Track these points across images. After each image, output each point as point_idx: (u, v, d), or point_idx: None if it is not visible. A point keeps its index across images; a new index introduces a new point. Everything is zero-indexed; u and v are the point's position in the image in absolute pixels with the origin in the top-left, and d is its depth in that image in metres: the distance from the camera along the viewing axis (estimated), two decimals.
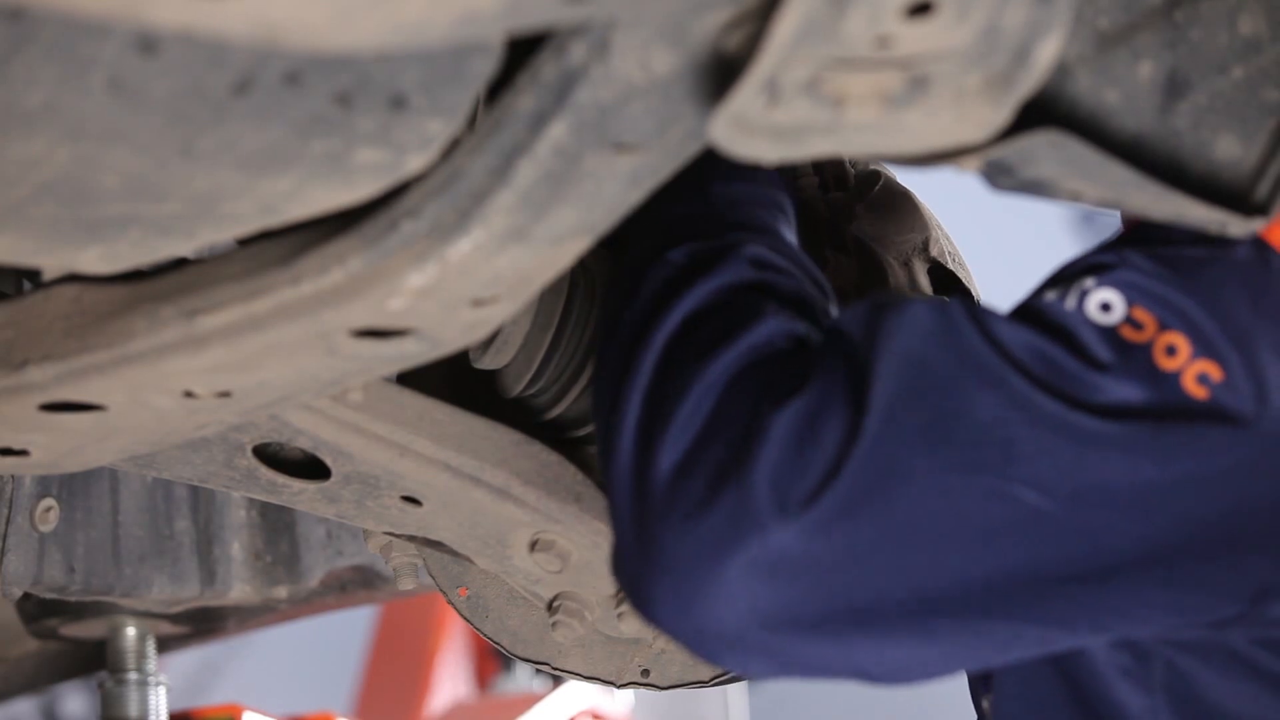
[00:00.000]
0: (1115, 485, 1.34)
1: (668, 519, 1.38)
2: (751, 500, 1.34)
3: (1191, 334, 1.35)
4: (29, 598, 2.47)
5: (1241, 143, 1.40)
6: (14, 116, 1.03)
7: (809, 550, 1.34)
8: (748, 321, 1.45)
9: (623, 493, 1.42)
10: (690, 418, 1.40)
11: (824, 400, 1.37)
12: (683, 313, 1.47)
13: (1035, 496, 1.33)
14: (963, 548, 1.35)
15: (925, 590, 1.36)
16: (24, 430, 1.47)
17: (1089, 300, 1.38)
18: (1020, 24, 1.07)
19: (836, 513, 1.34)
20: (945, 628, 1.38)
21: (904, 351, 1.37)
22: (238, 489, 1.74)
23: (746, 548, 1.34)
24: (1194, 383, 1.34)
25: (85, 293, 1.37)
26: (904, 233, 1.93)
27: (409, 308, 1.27)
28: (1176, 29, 1.37)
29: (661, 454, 1.40)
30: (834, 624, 1.37)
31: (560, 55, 1.11)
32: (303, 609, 2.75)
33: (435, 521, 1.80)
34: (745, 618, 1.36)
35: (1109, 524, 1.34)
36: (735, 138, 1.11)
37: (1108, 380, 1.34)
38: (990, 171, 1.28)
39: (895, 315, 1.40)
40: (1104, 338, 1.36)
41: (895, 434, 1.34)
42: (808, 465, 1.35)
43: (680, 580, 1.36)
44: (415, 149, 1.16)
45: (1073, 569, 1.36)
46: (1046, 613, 1.39)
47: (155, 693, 2.59)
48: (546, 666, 2.01)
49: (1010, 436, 1.34)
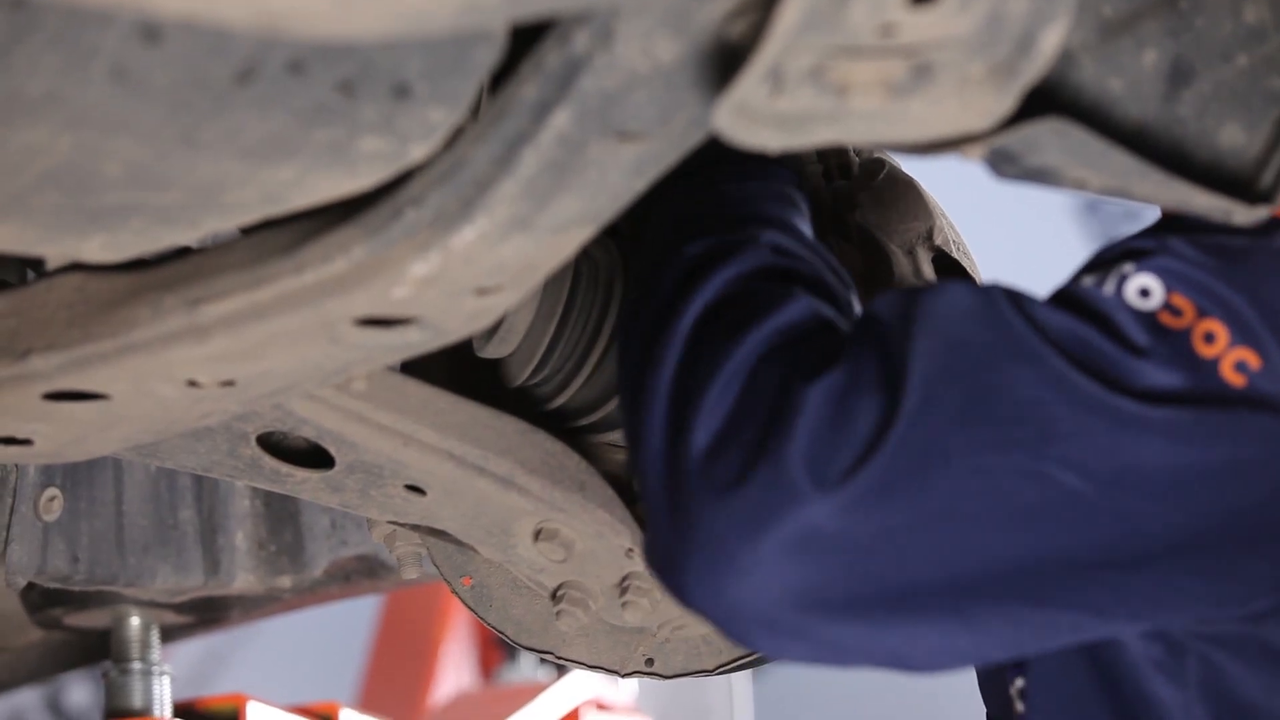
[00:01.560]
0: (1154, 470, 1.33)
1: (701, 497, 1.37)
2: (786, 475, 1.33)
3: (1230, 321, 1.35)
4: (33, 587, 2.47)
5: (1245, 131, 1.40)
6: (16, 105, 1.03)
7: (844, 527, 1.33)
8: (776, 302, 1.44)
9: (655, 475, 1.42)
10: (721, 396, 1.39)
11: (858, 377, 1.36)
12: (706, 299, 1.47)
13: (1073, 478, 1.33)
14: (999, 529, 1.34)
15: (960, 573, 1.36)
16: (27, 419, 1.47)
17: (1128, 285, 1.37)
18: (1024, 12, 1.07)
19: (873, 490, 1.33)
20: (980, 613, 1.38)
21: (942, 330, 1.37)
22: (242, 478, 1.74)
23: (781, 523, 1.33)
24: (1232, 370, 1.34)
25: (88, 282, 1.37)
26: (908, 221, 1.93)
27: (412, 296, 1.27)
28: (1181, 17, 1.37)
29: (693, 434, 1.39)
30: (868, 606, 1.36)
31: (564, 44, 1.11)
32: (307, 598, 2.75)
33: (439, 511, 1.80)
34: (779, 597, 1.35)
35: (1146, 509, 1.34)
36: (739, 126, 1.11)
37: (1145, 365, 1.34)
38: (994, 159, 1.27)
39: (932, 296, 1.40)
40: (1142, 323, 1.36)
41: (933, 412, 1.33)
42: (843, 441, 1.34)
43: (714, 558, 1.36)
44: (418, 138, 1.16)
45: (1108, 554, 1.36)
46: (1081, 599, 1.38)
47: (160, 682, 2.60)
48: (551, 656, 2.01)
49: (1048, 416, 1.33)
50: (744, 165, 1.64)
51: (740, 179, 1.62)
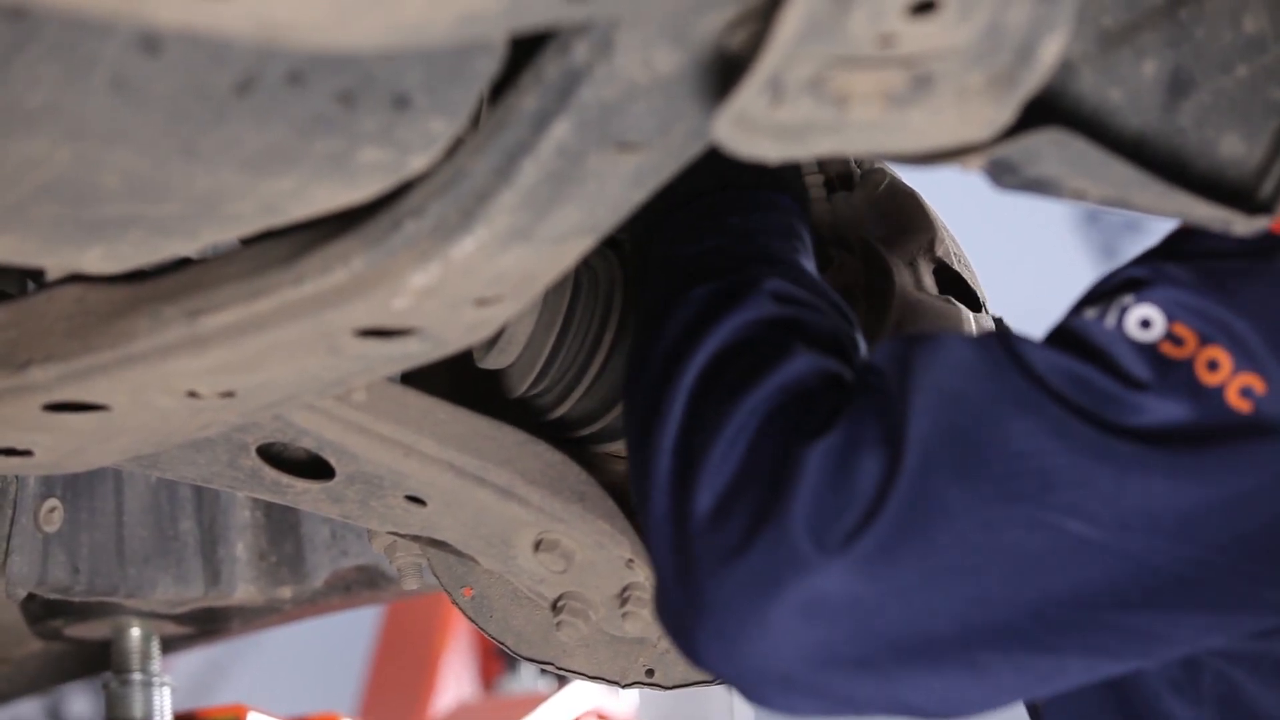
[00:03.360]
0: (1160, 509, 1.33)
1: (707, 563, 1.37)
2: (790, 541, 1.34)
3: (1233, 347, 1.34)
4: (33, 598, 2.47)
5: (1245, 141, 1.40)
6: (15, 116, 1.03)
7: (851, 590, 1.34)
8: (776, 360, 1.44)
9: (661, 538, 1.42)
10: (724, 459, 1.40)
11: (856, 437, 1.36)
12: (708, 352, 1.47)
13: (1078, 525, 1.33)
14: (1007, 579, 1.34)
15: (970, 624, 1.36)
16: (27, 430, 1.47)
17: (1128, 317, 1.37)
18: (1023, 22, 1.07)
19: (877, 551, 1.33)
20: (991, 662, 1.38)
21: (938, 385, 1.37)
22: (242, 489, 1.74)
23: (787, 589, 1.34)
24: (1237, 396, 1.33)
25: (88, 293, 1.37)
26: (909, 233, 1.93)
27: (412, 307, 1.27)
28: (1180, 27, 1.37)
29: (697, 497, 1.39)
30: (879, 661, 1.37)
31: (563, 54, 1.11)
32: (307, 609, 2.75)
33: (439, 521, 1.80)
34: (790, 658, 1.36)
35: (1155, 547, 1.33)
36: (738, 136, 1.11)
37: (1148, 399, 1.34)
38: (994, 170, 1.27)
39: (929, 349, 1.40)
40: (1143, 355, 1.35)
41: (933, 469, 1.33)
42: (845, 504, 1.34)
43: (723, 624, 1.37)
44: (418, 148, 1.16)
45: (1119, 594, 1.35)
46: (1092, 643, 1.38)
47: (160, 693, 2.59)
48: (551, 666, 2.01)
49: (1049, 466, 1.33)
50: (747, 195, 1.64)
51: (745, 210, 1.62)
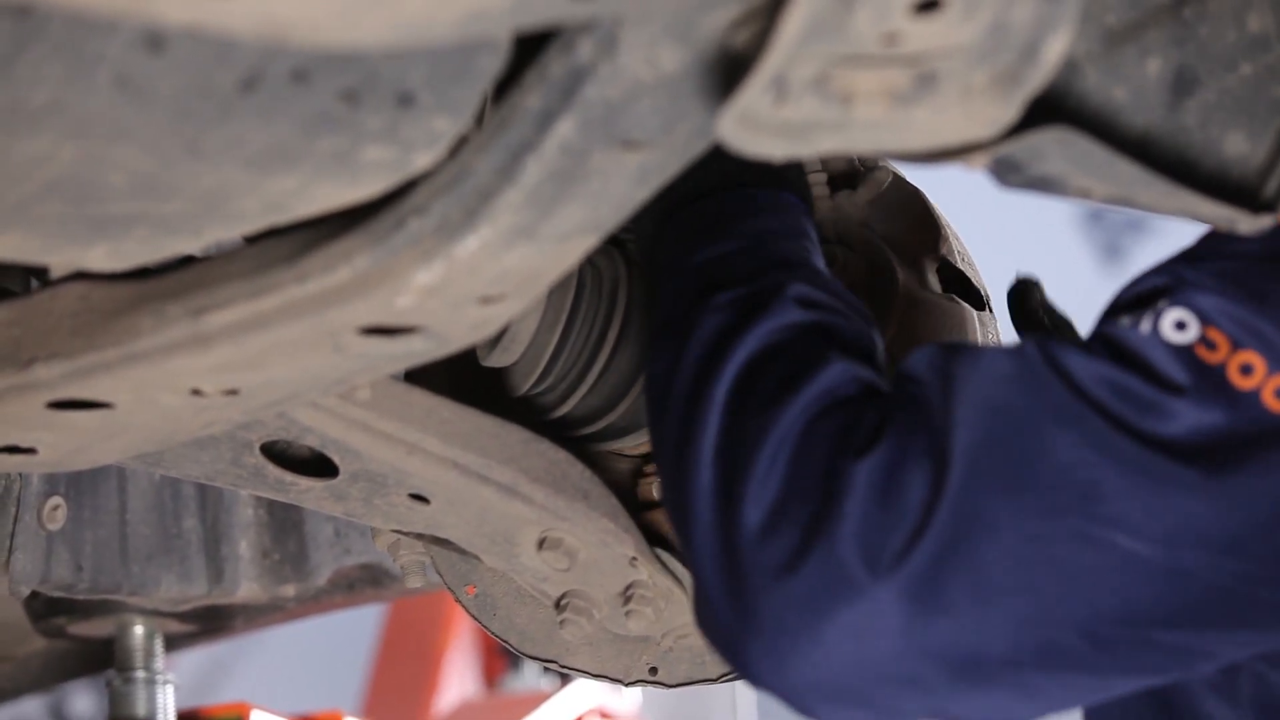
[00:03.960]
0: (1205, 526, 1.33)
1: (757, 579, 1.38)
2: (841, 560, 1.35)
3: (1266, 351, 1.34)
4: (37, 596, 2.47)
5: (1250, 140, 1.40)
6: (20, 114, 1.03)
7: (902, 611, 1.34)
8: (811, 367, 1.44)
9: (708, 550, 1.42)
10: (769, 473, 1.40)
11: (903, 452, 1.36)
12: (739, 362, 1.47)
13: (1126, 539, 1.33)
14: (1056, 595, 1.35)
15: (1020, 644, 1.36)
16: (31, 428, 1.47)
17: (1164, 320, 1.37)
18: (1028, 20, 1.07)
19: (927, 570, 1.34)
20: (1039, 682, 1.39)
21: (981, 398, 1.37)
22: (245, 487, 1.74)
23: (839, 610, 1.35)
24: (1273, 398, 1.33)
25: (92, 291, 1.37)
26: (913, 231, 1.93)
27: (416, 305, 1.27)
28: (1185, 26, 1.37)
29: (745, 511, 1.39)
30: (929, 679, 1.37)
31: (568, 53, 1.11)
32: (311, 607, 2.75)
33: (443, 519, 1.80)
34: (842, 675, 1.37)
35: (1205, 562, 1.33)
36: (743, 135, 1.11)
37: (1185, 405, 1.34)
38: (998, 169, 1.27)
39: (970, 360, 1.40)
40: (1179, 359, 1.35)
41: (979, 484, 1.34)
42: (894, 521, 1.34)
43: (775, 640, 1.37)
44: (422, 147, 1.16)
45: (1165, 612, 1.35)
46: (1137, 662, 1.39)
47: (163, 691, 2.59)
48: (554, 664, 2.01)
49: (1094, 478, 1.33)
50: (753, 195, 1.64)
51: (753, 212, 1.62)
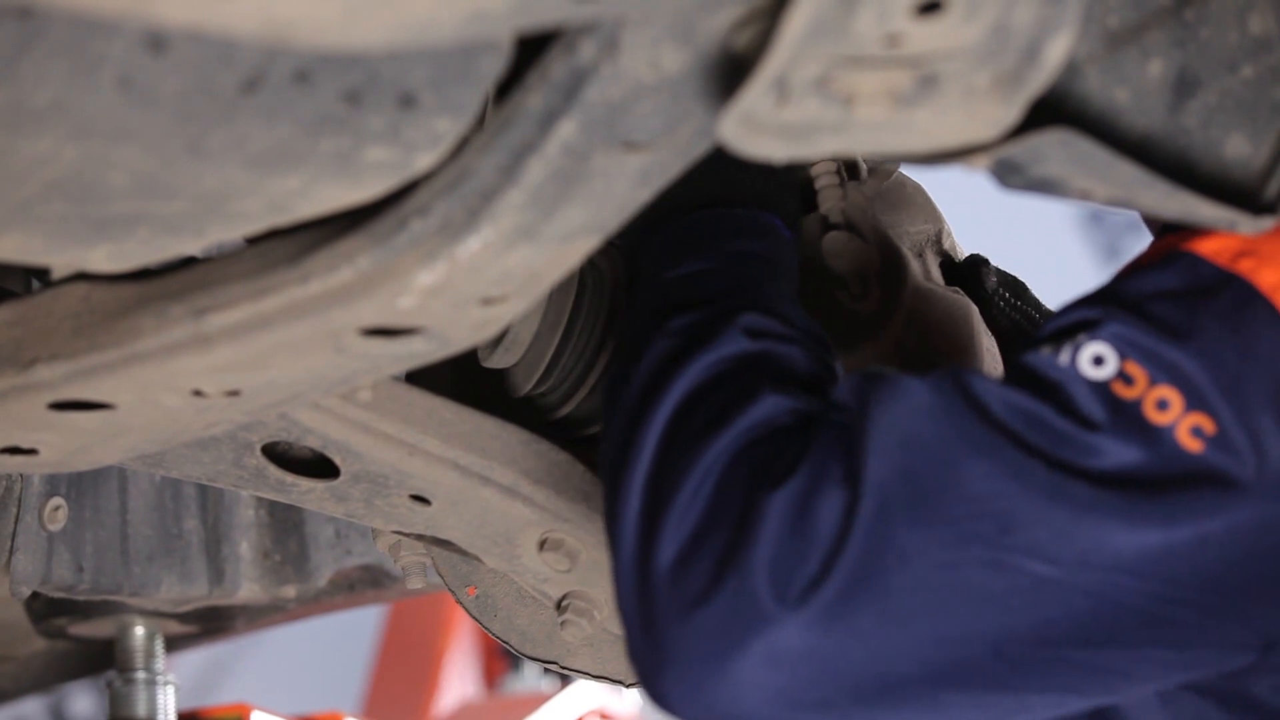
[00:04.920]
0: (1120, 548, 1.33)
1: (670, 613, 1.38)
2: (752, 592, 1.35)
3: (1182, 387, 1.34)
4: (37, 597, 2.47)
5: (1251, 142, 1.40)
6: (22, 114, 1.03)
7: (812, 640, 1.35)
8: (743, 402, 1.44)
9: (627, 584, 1.43)
10: (689, 506, 1.40)
11: (816, 481, 1.37)
12: (680, 392, 1.47)
13: (1038, 565, 1.33)
14: (967, 618, 1.35)
15: (931, 663, 1.36)
16: (33, 429, 1.47)
17: (1081, 354, 1.37)
18: (1030, 22, 1.07)
19: (836, 601, 1.34)
20: (953, 701, 1.39)
21: (895, 428, 1.37)
22: (246, 488, 1.74)
23: (749, 641, 1.35)
24: (1188, 436, 1.33)
25: (94, 291, 1.37)
26: (918, 224, 1.94)
27: (418, 306, 1.27)
28: (1186, 27, 1.37)
29: (661, 544, 1.40)
30: (842, 704, 1.38)
31: (570, 53, 1.11)
32: (311, 608, 2.75)
33: (444, 520, 1.80)
34: (754, 704, 1.36)
35: (1116, 583, 1.34)
36: (744, 136, 1.11)
37: (1101, 440, 1.34)
38: (1000, 170, 1.28)
39: (887, 389, 1.40)
40: (1096, 394, 1.35)
41: (890, 514, 1.34)
42: (805, 552, 1.35)
43: (686, 671, 1.38)
44: (424, 147, 1.16)
45: (1080, 632, 1.36)
46: (1056, 680, 1.39)
47: (164, 692, 2.59)
48: (555, 665, 2.01)
49: (1006, 508, 1.33)
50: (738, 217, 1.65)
51: (732, 234, 1.63)
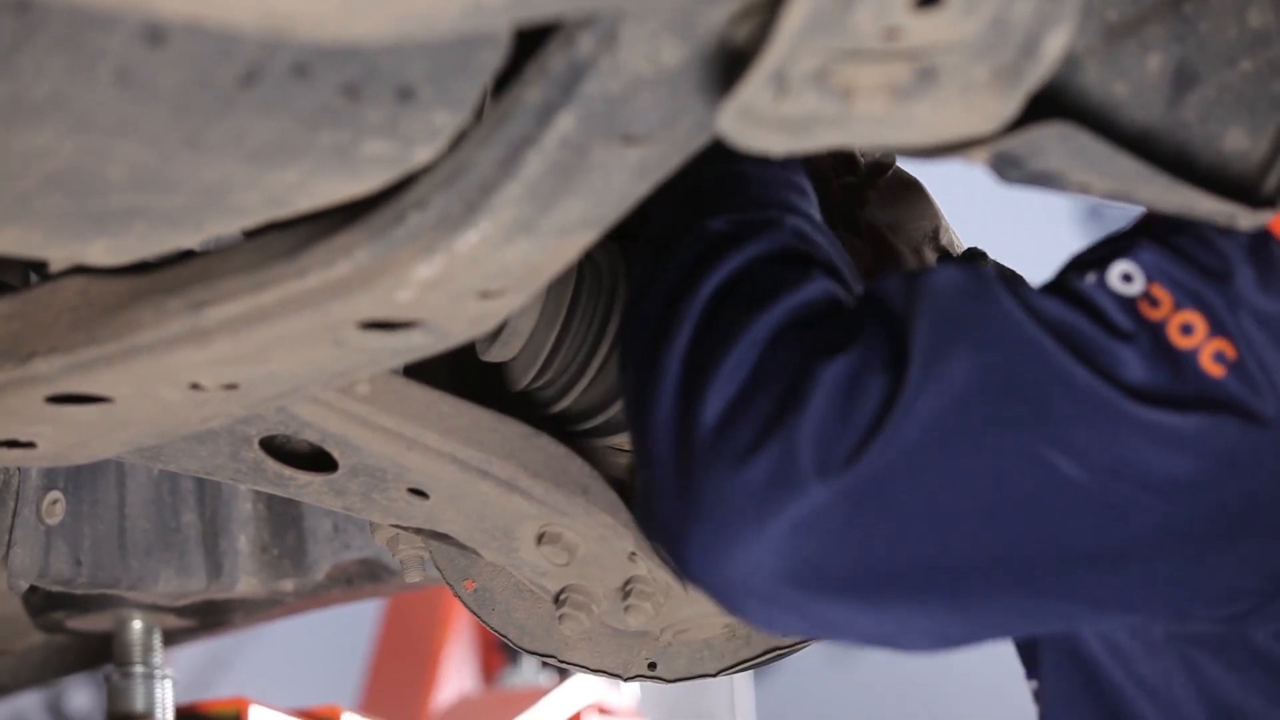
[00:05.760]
0: (1149, 467, 1.35)
1: (711, 467, 1.37)
2: (795, 455, 1.34)
3: (1206, 313, 1.36)
4: (35, 590, 2.47)
5: (1250, 135, 1.40)
6: (21, 108, 1.03)
7: (846, 512, 1.35)
8: (795, 281, 1.45)
9: (664, 440, 1.42)
10: (737, 367, 1.40)
11: (867, 359, 1.37)
12: (726, 272, 1.47)
13: (1070, 464, 1.34)
14: (996, 514, 1.36)
15: (956, 556, 1.37)
16: (30, 422, 1.47)
17: (1110, 271, 1.39)
18: (1028, 16, 1.07)
19: (875, 473, 1.34)
20: (973, 597, 1.40)
21: (940, 311, 1.38)
22: (244, 481, 1.74)
23: (786, 504, 1.34)
24: (1211, 361, 1.35)
25: (92, 285, 1.37)
26: (915, 220, 1.94)
27: (416, 300, 1.27)
28: (1185, 21, 1.37)
29: (706, 401, 1.39)
30: (863, 585, 1.38)
31: (568, 47, 1.11)
32: (309, 602, 2.75)
33: (442, 514, 1.80)
34: (777, 572, 1.36)
35: (1140, 502, 1.35)
36: (743, 129, 1.11)
37: (1129, 353, 1.35)
38: (998, 163, 1.28)
39: (932, 277, 1.41)
40: (1124, 308, 1.37)
41: (931, 393, 1.34)
42: (851, 423, 1.35)
43: (717, 529, 1.37)
44: (423, 141, 1.16)
45: (1101, 544, 1.37)
46: (1074, 589, 1.40)
47: (162, 686, 2.60)
48: (553, 659, 2.01)
49: (1045, 397, 1.35)
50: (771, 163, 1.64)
51: (761, 162, 1.62)
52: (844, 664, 7.12)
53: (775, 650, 1.97)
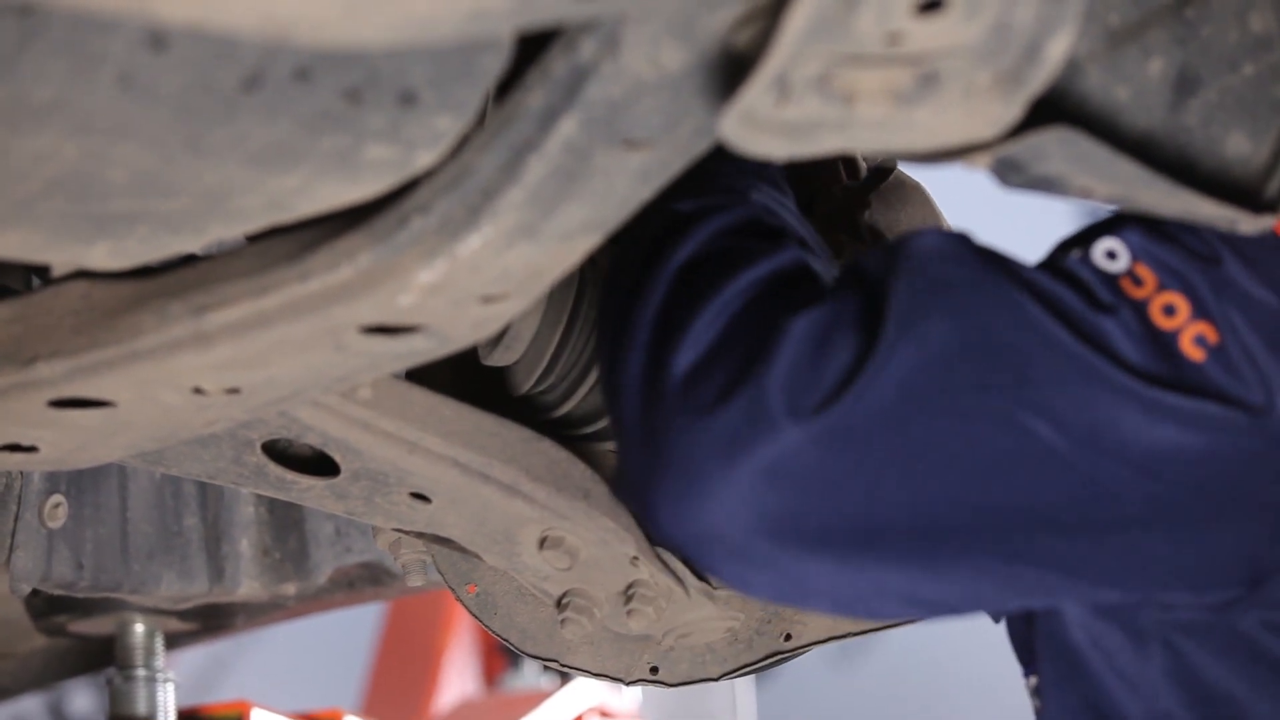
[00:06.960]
0: (1129, 438, 1.34)
1: (679, 418, 1.37)
2: (764, 402, 1.34)
3: (1190, 295, 1.36)
4: (38, 594, 2.47)
5: (1251, 140, 1.40)
6: (23, 111, 1.03)
7: (818, 458, 1.34)
8: (767, 250, 1.45)
9: (631, 397, 1.42)
10: (707, 328, 1.40)
11: (842, 313, 1.37)
12: (696, 243, 1.47)
13: (1048, 430, 1.34)
14: (971, 475, 1.35)
15: (931, 516, 1.36)
16: (33, 426, 1.47)
17: (1095, 248, 1.39)
18: (1030, 21, 1.07)
19: (848, 422, 1.33)
20: (947, 560, 1.39)
21: (920, 273, 1.38)
22: (247, 485, 1.74)
23: (755, 450, 1.34)
24: (1191, 344, 1.35)
25: (94, 289, 1.37)
26: (917, 224, 1.94)
27: (418, 304, 1.27)
28: (1187, 26, 1.37)
29: (676, 357, 1.39)
30: (836, 541, 1.37)
31: (570, 51, 1.11)
32: (311, 606, 2.75)
33: (444, 518, 1.80)
34: (749, 524, 1.35)
35: (1118, 475, 1.35)
36: (745, 134, 1.11)
37: (1112, 327, 1.35)
38: (1000, 168, 1.28)
39: (913, 240, 1.41)
40: (1105, 283, 1.37)
41: (909, 350, 1.34)
42: (823, 372, 1.34)
43: (687, 480, 1.36)
44: (425, 145, 1.16)
45: (1079, 514, 1.36)
46: (1049, 557, 1.39)
47: (163, 689, 2.60)
48: (555, 663, 2.01)
49: (1025, 360, 1.34)
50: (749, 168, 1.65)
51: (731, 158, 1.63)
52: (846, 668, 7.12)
53: (777, 654, 1.97)
